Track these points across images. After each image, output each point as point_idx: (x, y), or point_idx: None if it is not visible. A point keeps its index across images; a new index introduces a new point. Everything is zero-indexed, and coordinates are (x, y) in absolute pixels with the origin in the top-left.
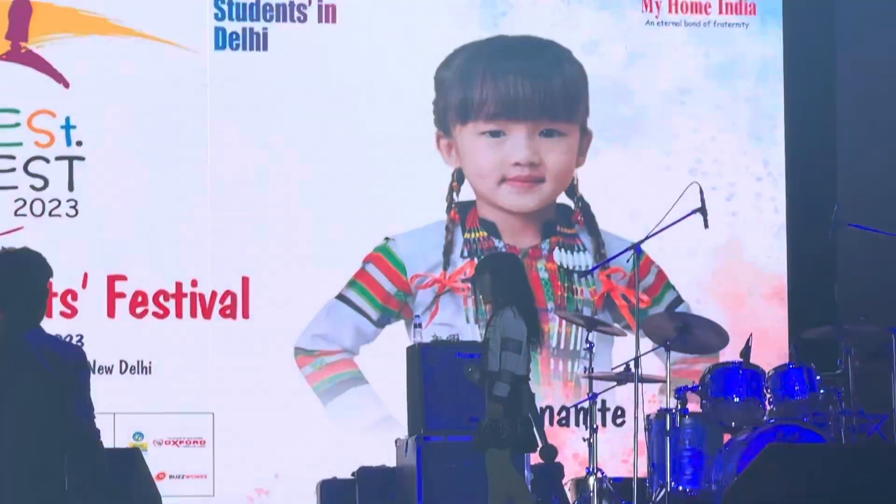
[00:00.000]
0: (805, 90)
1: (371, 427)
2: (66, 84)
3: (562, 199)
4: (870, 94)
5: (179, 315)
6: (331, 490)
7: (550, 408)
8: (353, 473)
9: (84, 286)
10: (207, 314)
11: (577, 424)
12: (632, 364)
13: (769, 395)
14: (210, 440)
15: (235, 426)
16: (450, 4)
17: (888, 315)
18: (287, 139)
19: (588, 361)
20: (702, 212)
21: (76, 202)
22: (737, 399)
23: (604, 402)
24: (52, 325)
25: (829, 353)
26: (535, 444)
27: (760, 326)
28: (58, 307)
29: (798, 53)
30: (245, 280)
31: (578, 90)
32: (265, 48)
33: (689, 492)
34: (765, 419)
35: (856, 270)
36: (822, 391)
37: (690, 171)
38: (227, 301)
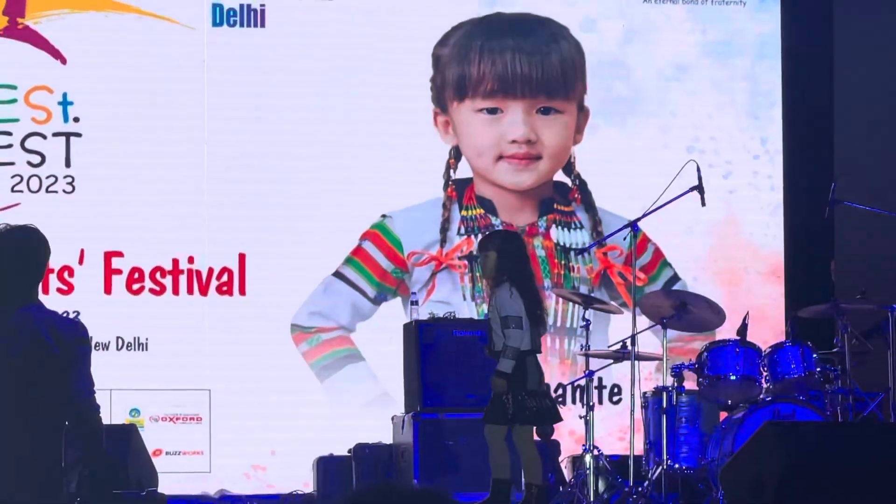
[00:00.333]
0: (803, 68)
1: (367, 404)
2: (64, 60)
3: (559, 177)
4: (867, 73)
5: (176, 292)
6: (327, 466)
7: (547, 385)
8: (350, 450)
9: (81, 263)
10: (204, 291)
11: (574, 402)
12: (628, 342)
13: (765, 373)
14: (207, 417)
15: (232, 403)
16: None
17: (885, 293)
18: (284, 116)
19: (585, 339)
20: (699, 189)
21: (73, 178)
22: (733, 377)
23: (600, 380)
24: (49, 302)
25: (826, 331)
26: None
27: (757, 304)
28: (54, 284)
29: (796, 31)
30: (242, 257)
31: (576, 67)
32: (262, 25)
33: (686, 469)
34: (761, 397)
35: (853, 248)
36: (819, 369)
37: (688, 149)
38: (224, 278)
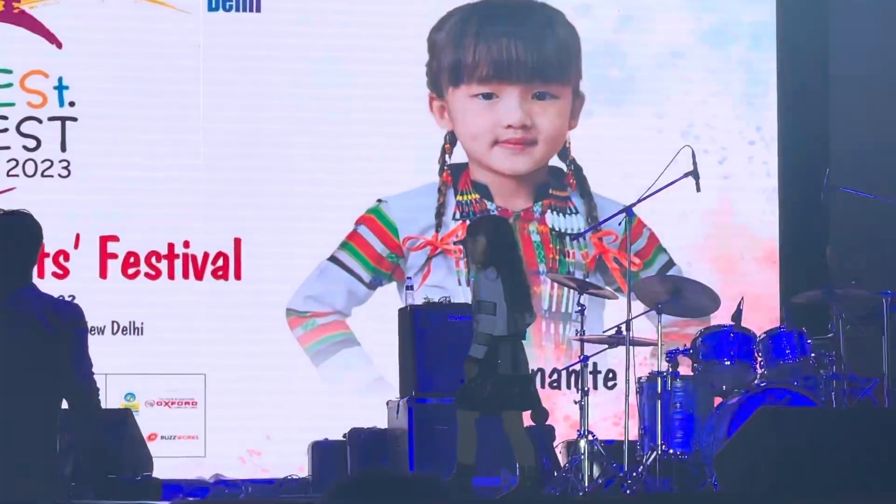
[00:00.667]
0: (798, 54)
1: (362, 389)
2: (59, 44)
3: (554, 162)
4: (862, 59)
5: (171, 276)
6: (322, 451)
7: (542, 370)
8: (345, 435)
9: (76, 247)
10: (199, 275)
11: (569, 387)
12: (623, 327)
13: (760, 359)
14: (202, 401)
15: (227, 387)
16: None
17: (879, 279)
18: (280, 101)
19: (580, 324)
20: (694, 175)
21: (68, 163)
22: (728, 362)
23: (595, 365)
24: (44, 286)
25: (821, 317)
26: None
27: (752, 290)
28: (50, 268)
29: (791, 17)
30: (237, 241)
31: (571, 53)
32: (258, 9)
33: (680, 454)
34: (756, 383)
35: (847, 234)
36: (813, 355)
37: (683, 135)
38: (220, 262)
